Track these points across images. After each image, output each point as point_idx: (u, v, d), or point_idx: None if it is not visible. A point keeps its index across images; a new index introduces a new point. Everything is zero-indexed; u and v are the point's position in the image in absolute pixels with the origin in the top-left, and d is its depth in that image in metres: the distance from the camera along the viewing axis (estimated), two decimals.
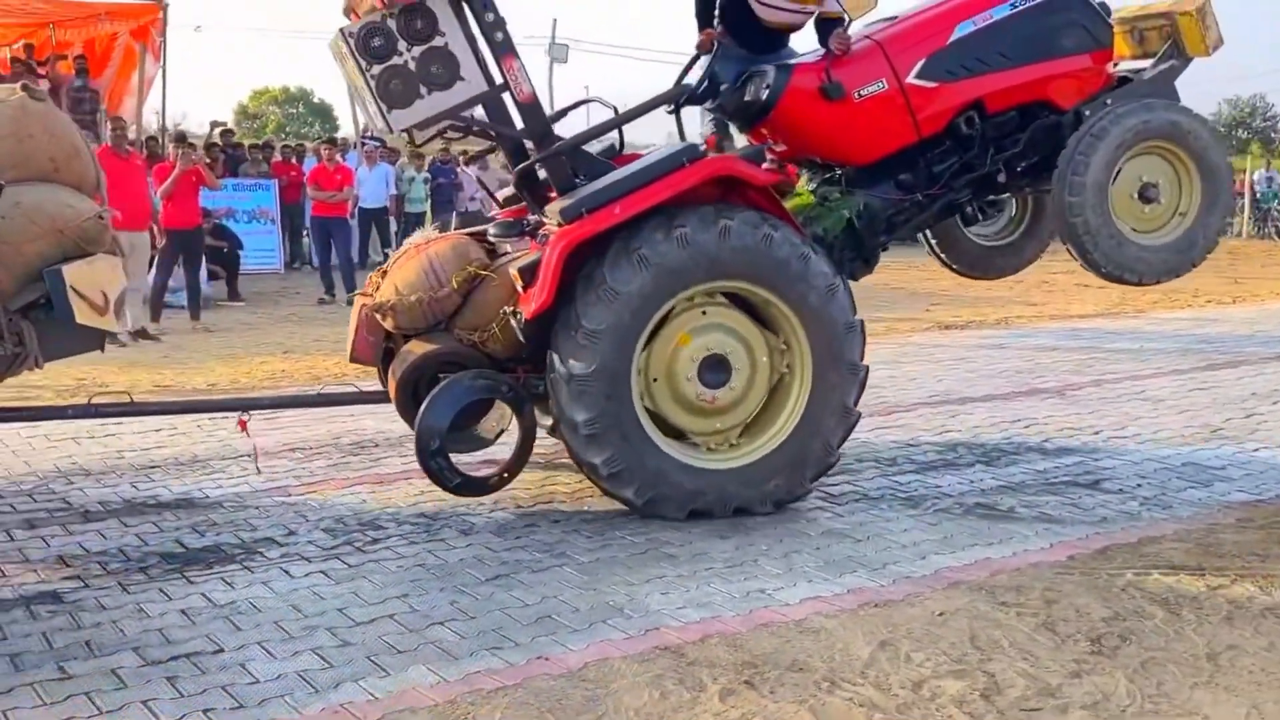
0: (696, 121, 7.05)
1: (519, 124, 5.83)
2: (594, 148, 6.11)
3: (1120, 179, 6.29)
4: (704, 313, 5.61)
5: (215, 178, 14.49)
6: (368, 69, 5.37)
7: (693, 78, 6.59)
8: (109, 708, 3.70)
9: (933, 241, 7.51)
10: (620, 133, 6.27)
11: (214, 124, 22.26)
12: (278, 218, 18.20)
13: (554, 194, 5.71)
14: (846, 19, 6.37)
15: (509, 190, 6.58)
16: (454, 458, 5.67)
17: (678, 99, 6.41)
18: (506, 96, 5.71)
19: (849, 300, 5.71)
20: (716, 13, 6.60)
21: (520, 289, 5.43)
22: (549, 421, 5.85)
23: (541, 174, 5.87)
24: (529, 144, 5.89)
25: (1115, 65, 6.80)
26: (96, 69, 17.66)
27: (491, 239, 6.11)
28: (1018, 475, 6.62)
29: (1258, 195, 31.30)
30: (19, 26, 17.87)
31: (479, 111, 5.79)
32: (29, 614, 4.49)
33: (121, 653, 4.14)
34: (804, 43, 6.81)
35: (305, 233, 18.49)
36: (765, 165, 6.81)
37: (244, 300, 15.33)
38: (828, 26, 6.40)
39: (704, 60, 6.51)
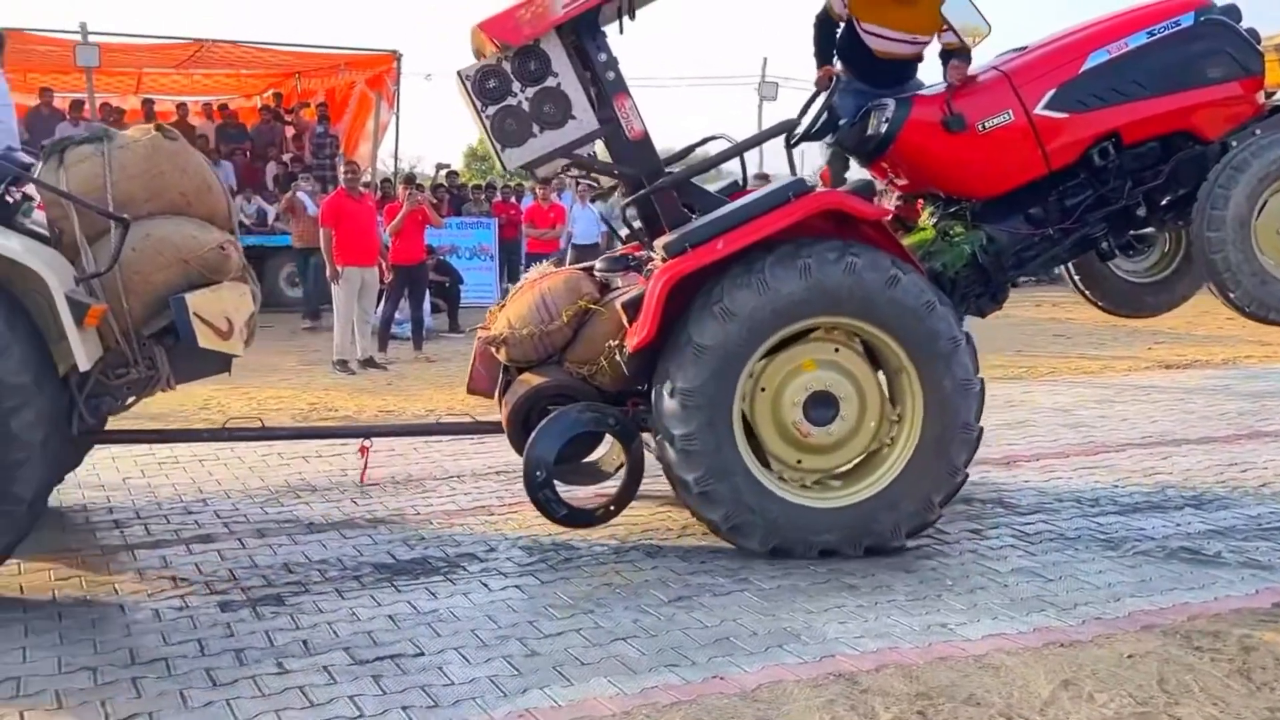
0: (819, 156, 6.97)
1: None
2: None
3: (1265, 213, 5.90)
4: (837, 350, 5.54)
5: (439, 217, 15.21)
6: (483, 110, 5.49)
7: (811, 114, 6.49)
8: (319, 701, 3.99)
9: (1076, 278, 7.22)
10: (743, 166, 6.25)
11: (439, 166, 23.34)
12: (496, 254, 18.94)
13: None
14: (969, 49, 6.21)
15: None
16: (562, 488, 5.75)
17: (786, 132, 6.27)
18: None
19: (978, 404, 5.54)
20: (836, 50, 6.55)
21: (626, 323, 5.48)
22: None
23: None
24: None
25: (1272, 94, 6.42)
26: (335, 115, 18.81)
27: (598, 274, 6.16)
28: (1228, 520, 6.33)
29: None
30: (268, 77, 19.24)
31: (601, 150, 5.87)
32: (254, 614, 4.87)
33: (333, 652, 4.44)
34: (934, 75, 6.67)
35: (522, 268, 19.18)
36: (895, 200, 6.67)
37: (464, 332, 15.95)
38: (950, 58, 6.28)
39: (823, 97, 6.43)
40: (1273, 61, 6.49)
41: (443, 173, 22.40)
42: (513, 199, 19.97)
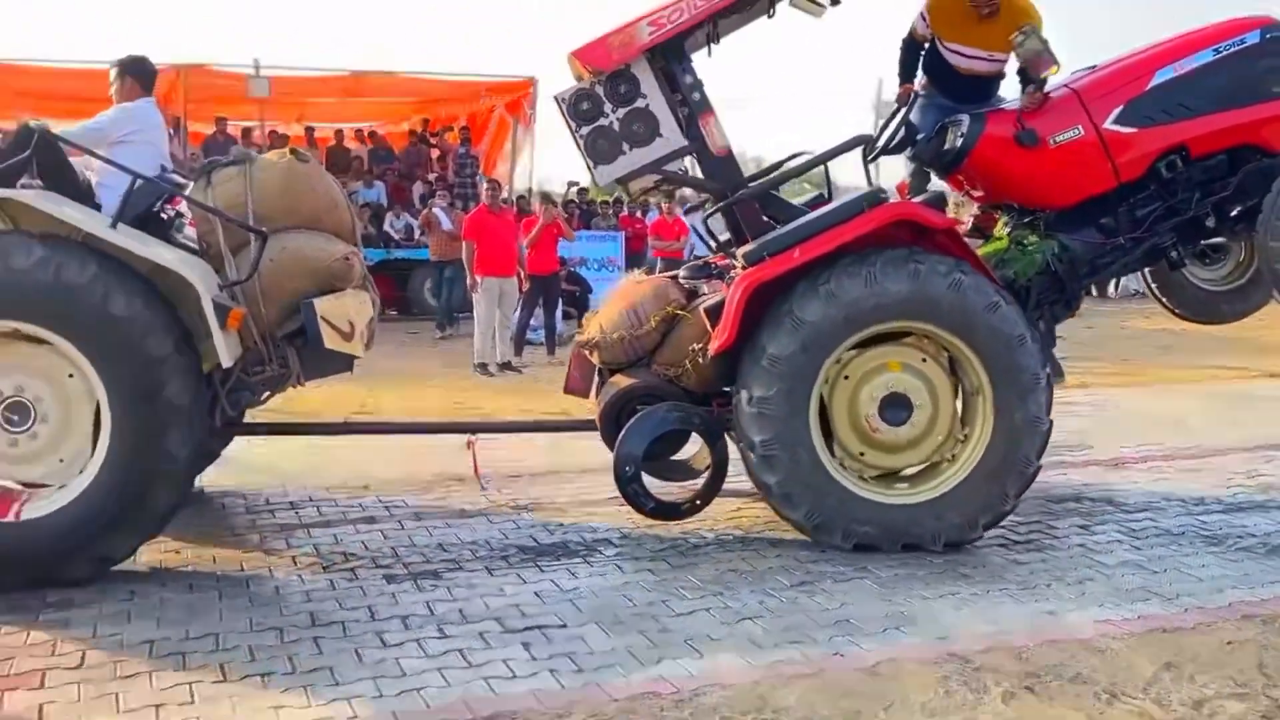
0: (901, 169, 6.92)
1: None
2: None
3: None
4: (924, 360, 5.55)
5: (571, 230, 15.50)
6: (576, 130, 5.62)
7: (890, 130, 6.49)
8: (476, 663, 4.24)
9: (1153, 286, 7.09)
10: (828, 178, 6.22)
11: (570, 183, 23.66)
12: (623, 265, 19.13)
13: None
14: (1044, 78, 6.14)
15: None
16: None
17: (862, 146, 6.15)
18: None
19: (1043, 442, 5.53)
20: (921, 67, 6.54)
21: (709, 327, 5.56)
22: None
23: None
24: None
25: None
26: (476, 138, 19.25)
27: (684, 281, 6.23)
28: None
29: None
30: (415, 105, 19.77)
31: (694, 167, 5.92)
32: (416, 586, 5.14)
33: (487, 621, 4.68)
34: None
35: None
36: (974, 210, 6.66)
37: None
38: (1027, 81, 6.23)
39: (901, 113, 6.44)
40: None
41: (573, 189, 22.72)
42: (639, 213, 20.20)
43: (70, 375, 5.04)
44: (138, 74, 6.06)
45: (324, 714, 3.86)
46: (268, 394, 5.96)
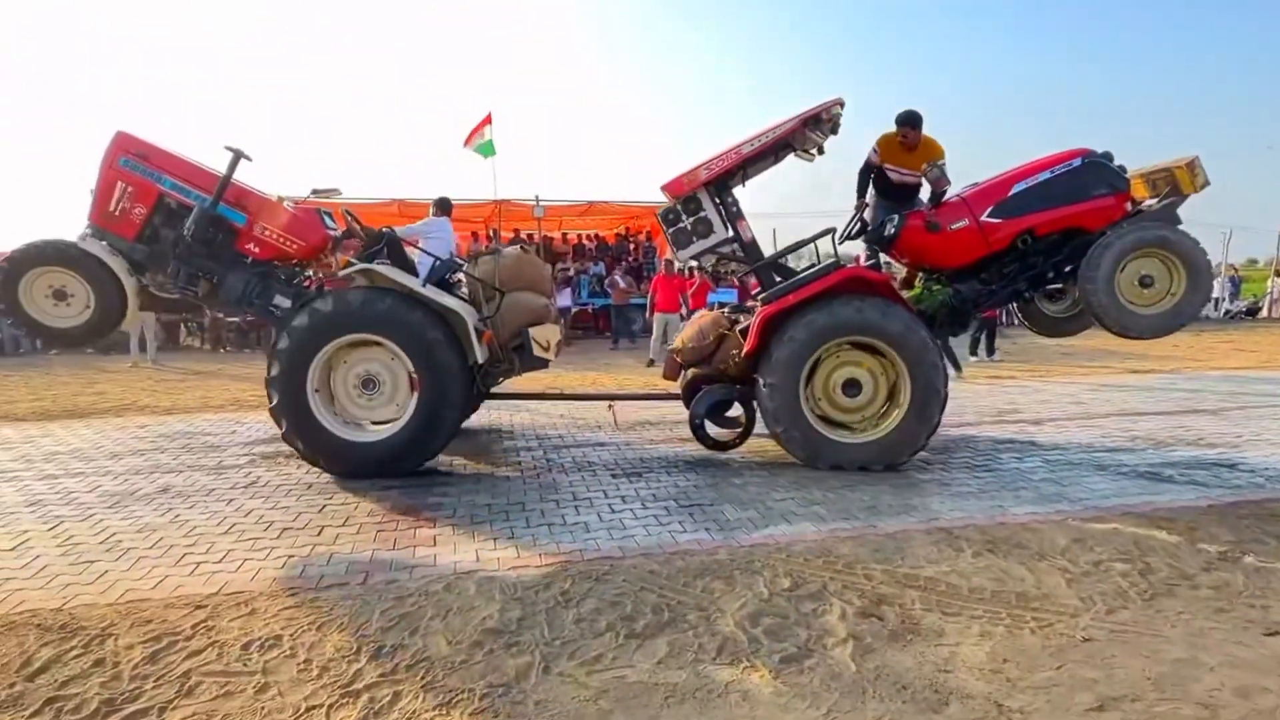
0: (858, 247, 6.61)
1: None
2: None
3: (1125, 273, 5.40)
4: (880, 363, 5.33)
5: (714, 286, 15.37)
6: (666, 230, 5.53)
7: (850, 225, 6.23)
8: (664, 522, 4.26)
9: (1019, 315, 6.65)
10: (817, 253, 5.87)
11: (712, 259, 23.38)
12: None
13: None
14: (944, 191, 5.80)
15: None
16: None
17: (833, 234, 5.77)
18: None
19: (929, 433, 5.16)
20: (871, 183, 6.22)
21: (742, 340, 5.45)
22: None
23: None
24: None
25: (1139, 203, 5.77)
26: (655, 235, 19.35)
27: (729, 314, 6.07)
28: (1177, 457, 5.72)
29: None
30: (621, 219, 20.01)
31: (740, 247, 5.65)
32: (629, 480, 5.10)
33: (668, 500, 4.66)
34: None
35: None
36: (903, 271, 6.34)
37: None
38: (935, 191, 5.91)
39: (857, 214, 6.19)
40: (1137, 182, 5.90)
41: (709, 262, 22.45)
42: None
43: (395, 362, 5.14)
44: (441, 206, 6.40)
45: (582, 547, 3.95)
46: (501, 379, 5.87)
